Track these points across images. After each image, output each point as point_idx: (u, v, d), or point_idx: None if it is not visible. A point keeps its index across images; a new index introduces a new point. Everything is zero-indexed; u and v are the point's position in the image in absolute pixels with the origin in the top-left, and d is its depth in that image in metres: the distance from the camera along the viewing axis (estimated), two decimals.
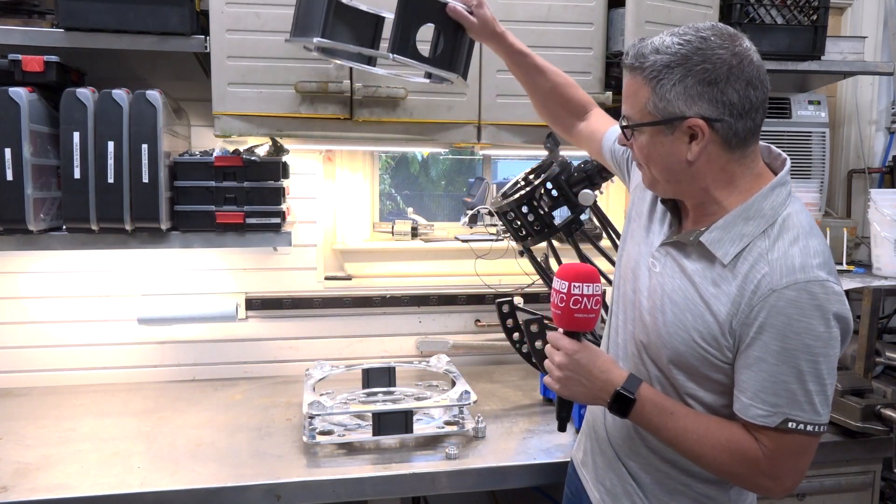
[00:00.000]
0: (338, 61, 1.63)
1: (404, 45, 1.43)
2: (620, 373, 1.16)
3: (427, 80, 1.61)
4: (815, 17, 2.18)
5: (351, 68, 1.77)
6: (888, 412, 1.72)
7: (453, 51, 1.49)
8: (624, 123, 1.16)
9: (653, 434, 1.17)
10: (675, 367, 1.16)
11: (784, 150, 1.18)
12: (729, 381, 1.13)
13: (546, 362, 1.20)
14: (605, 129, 1.51)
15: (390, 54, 1.43)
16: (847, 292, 2.55)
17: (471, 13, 1.45)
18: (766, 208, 1.10)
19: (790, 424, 1.05)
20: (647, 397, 1.14)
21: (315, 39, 1.43)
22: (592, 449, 1.38)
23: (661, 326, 1.16)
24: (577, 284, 1.14)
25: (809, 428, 1.06)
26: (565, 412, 1.23)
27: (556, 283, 1.16)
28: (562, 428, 1.25)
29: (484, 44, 1.54)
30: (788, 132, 2.49)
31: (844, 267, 2.23)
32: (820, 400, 1.05)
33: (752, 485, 1.14)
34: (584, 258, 1.83)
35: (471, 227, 2.31)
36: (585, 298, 1.14)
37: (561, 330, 1.19)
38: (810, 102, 2.53)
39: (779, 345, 1.04)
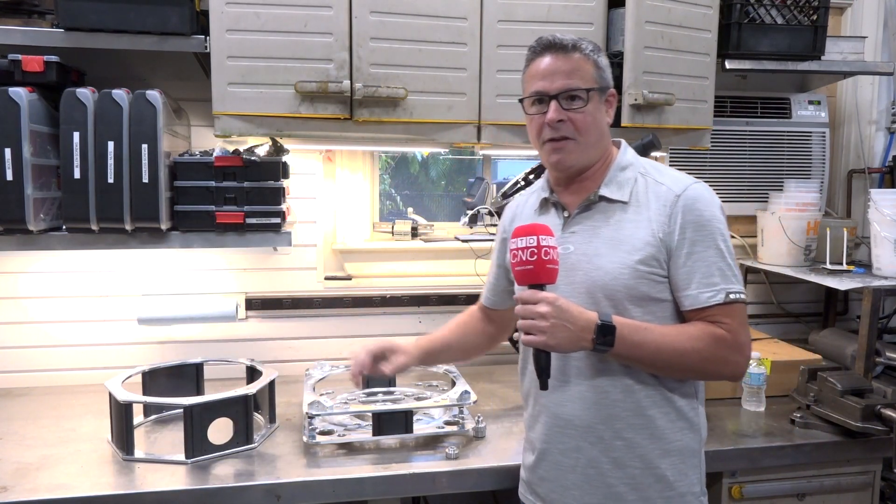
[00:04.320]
0: None
1: (199, 445, 1.61)
2: (591, 311, 1.26)
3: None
4: (815, 17, 2.18)
5: (351, 67, 1.77)
6: (888, 412, 1.72)
7: (248, 426, 1.67)
8: (581, 90, 1.31)
9: (636, 356, 1.28)
10: (629, 301, 1.30)
11: (784, 150, 1.24)
12: (672, 297, 1.31)
13: (523, 323, 1.23)
14: (497, 295, 1.65)
15: (189, 460, 1.59)
16: (847, 292, 2.54)
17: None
18: (631, 158, 1.40)
19: (731, 296, 1.27)
20: (622, 321, 1.27)
21: None
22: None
23: (606, 275, 1.31)
24: (543, 237, 1.22)
25: (742, 296, 1.29)
26: (548, 365, 1.25)
27: (521, 242, 1.22)
28: (545, 386, 1.26)
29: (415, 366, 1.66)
30: (788, 132, 2.49)
31: (844, 267, 2.23)
32: (738, 273, 1.31)
33: (726, 363, 1.30)
34: None
35: (471, 227, 2.31)
36: (551, 249, 1.23)
37: (526, 287, 1.25)
38: (810, 102, 2.53)
39: (700, 234, 1.29)
